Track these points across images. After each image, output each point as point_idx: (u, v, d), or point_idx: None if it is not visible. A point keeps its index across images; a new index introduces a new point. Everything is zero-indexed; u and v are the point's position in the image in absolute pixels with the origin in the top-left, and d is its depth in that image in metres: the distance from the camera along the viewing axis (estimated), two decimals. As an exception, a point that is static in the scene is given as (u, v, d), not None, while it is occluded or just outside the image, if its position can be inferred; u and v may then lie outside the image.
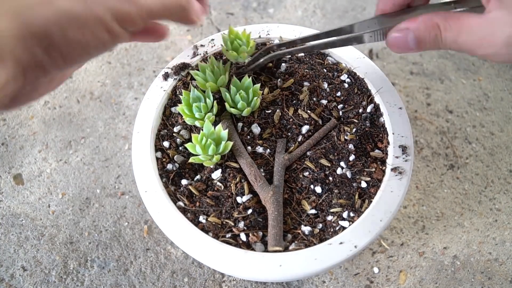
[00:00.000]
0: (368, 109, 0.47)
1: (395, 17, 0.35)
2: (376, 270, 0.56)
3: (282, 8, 0.80)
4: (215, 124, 0.45)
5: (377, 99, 0.47)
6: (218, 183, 0.43)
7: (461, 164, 0.64)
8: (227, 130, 0.43)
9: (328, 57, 0.51)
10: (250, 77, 0.45)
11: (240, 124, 0.46)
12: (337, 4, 0.80)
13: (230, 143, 0.42)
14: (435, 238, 0.58)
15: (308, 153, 0.44)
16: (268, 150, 0.45)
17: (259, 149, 0.45)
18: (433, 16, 0.32)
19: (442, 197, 0.61)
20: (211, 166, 0.44)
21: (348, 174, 0.43)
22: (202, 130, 0.42)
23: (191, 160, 0.42)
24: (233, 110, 0.44)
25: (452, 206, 0.61)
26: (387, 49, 0.75)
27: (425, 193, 0.61)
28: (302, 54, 0.51)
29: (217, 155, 0.42)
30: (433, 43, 0.32)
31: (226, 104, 0.45)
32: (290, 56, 0.50)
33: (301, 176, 0.43)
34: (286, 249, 0.39)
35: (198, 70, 0.46)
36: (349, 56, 0.50)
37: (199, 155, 0.42)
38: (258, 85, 0.44)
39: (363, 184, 0.42)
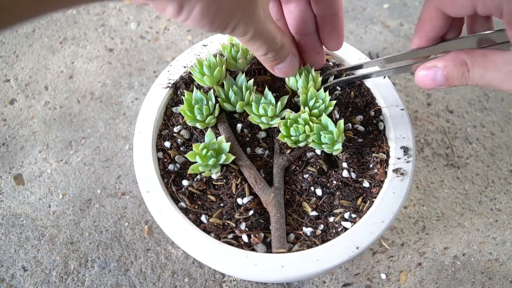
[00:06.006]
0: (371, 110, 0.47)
1: (427, 50, 0.38)
2: (376, 270, 0.56)
3: (283, 8, 0.80)
4: (215, 126, 0.45)
5: (379, 100, 0.47)
6: (219, 183, 0.43)
7: (462, 164, 0.64)
8: (229, 144, 0.42)
9: (331, 59, 0.51)
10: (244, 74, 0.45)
11: (239, 126, 0.46)
12: (337, 4, 0.80)
13: (232, 156, 0.42)
14: (436, 238, 0.58)
15: (308, 154, 0.44)
16: (267, 151, 0.45)
17: (259, 151, 0.45)
18: (460, 54, 0.33)
19: (443, 197, 0.61)
20: None
21: (352, 175, 0.43)
22: (203, 131, 0.42)
23: (190, 171, 0.41)
24: (226, 105, 0.44)
25: (453, 206, 0.61)
26: (387, 49, 0.75)
27: (426, 193, 0.62)
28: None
29: (217, 168, 0.42)
30: (460, 79, 0.34)
31: (219, 100, 0.45)
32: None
33: (300, 177, 0.43)
34: (289, 250, 0.39)
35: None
36: (350, 58, 0.50)
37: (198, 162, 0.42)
38: (251, 81, 0.44)
39: (366, 185, 0.42)
